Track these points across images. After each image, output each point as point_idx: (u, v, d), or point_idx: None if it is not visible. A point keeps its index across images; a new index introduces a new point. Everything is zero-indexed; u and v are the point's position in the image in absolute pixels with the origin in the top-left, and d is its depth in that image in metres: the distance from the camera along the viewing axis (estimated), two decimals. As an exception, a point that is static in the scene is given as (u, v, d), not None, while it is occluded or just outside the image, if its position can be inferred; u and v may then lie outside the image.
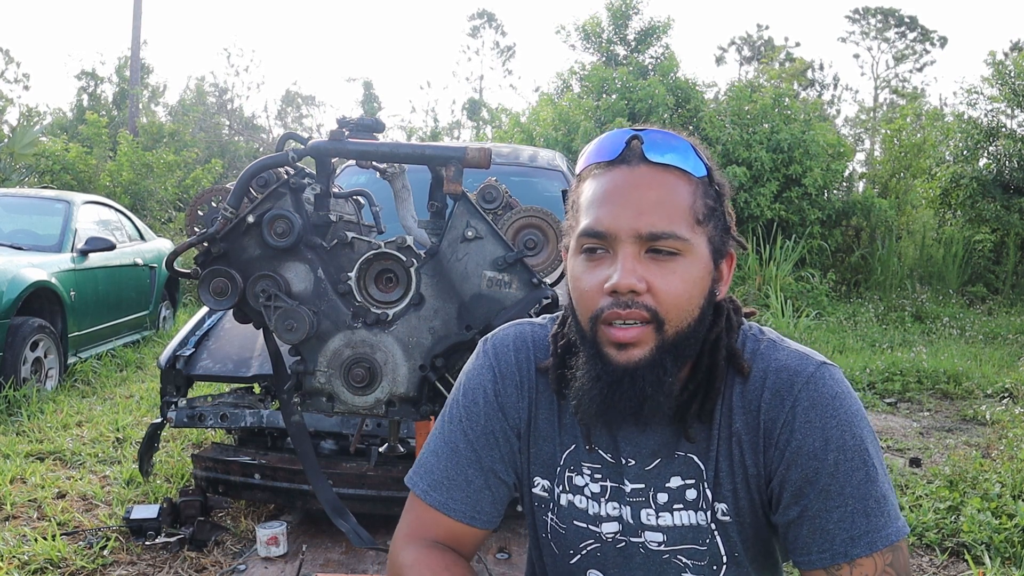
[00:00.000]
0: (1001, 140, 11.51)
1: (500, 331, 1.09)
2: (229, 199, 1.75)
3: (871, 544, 0.87)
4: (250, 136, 20.24)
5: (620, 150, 0.91)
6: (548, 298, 1.77)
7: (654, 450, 0.97)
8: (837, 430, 0.88)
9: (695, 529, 0.96)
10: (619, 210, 0.88)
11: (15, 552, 2.60)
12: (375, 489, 2.57)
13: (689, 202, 0.89)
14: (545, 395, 1.03)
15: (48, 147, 12.36)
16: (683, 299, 0.88)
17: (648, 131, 0.93)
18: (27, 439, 3.86)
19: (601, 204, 0.89)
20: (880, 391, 5.48)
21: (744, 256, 9.45)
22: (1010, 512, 2.90)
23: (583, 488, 1.00)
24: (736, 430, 0.94)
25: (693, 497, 0.96)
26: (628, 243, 0.87)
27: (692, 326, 0.89)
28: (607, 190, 0.90)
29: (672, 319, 0.87)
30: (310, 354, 1.73)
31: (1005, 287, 11.12)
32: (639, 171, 0.89)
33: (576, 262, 0.92)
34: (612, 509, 0.99)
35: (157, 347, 6.51)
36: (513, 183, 4.20)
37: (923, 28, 32.18)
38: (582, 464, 1.01)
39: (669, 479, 0.97)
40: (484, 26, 30.45)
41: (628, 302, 0.86)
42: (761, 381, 0.93)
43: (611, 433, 0.99)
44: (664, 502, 0.97)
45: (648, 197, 0.88)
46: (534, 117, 12.12)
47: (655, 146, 0.90)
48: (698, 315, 0.90)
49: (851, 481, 0.87)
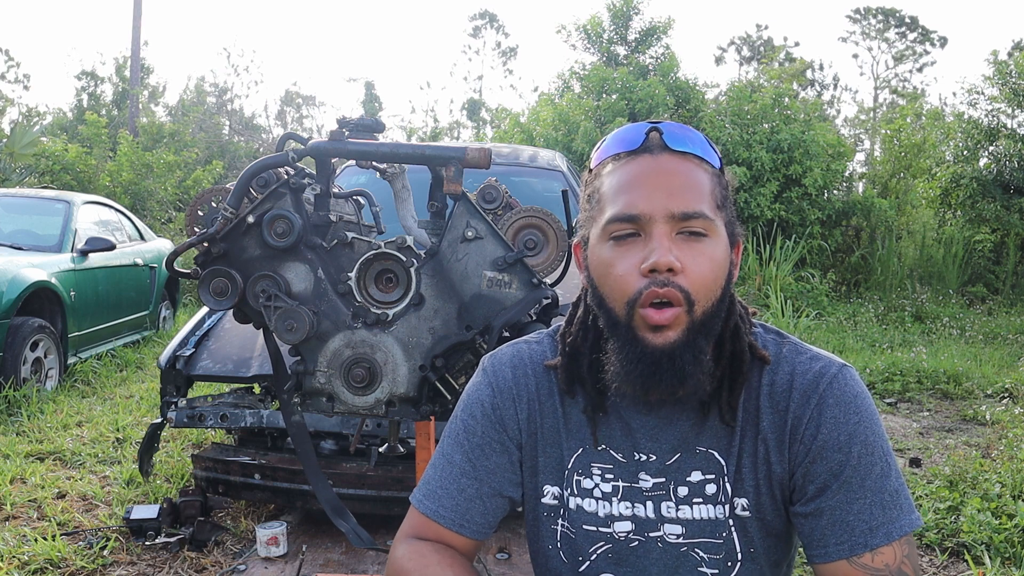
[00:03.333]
0: (1001, 140, 11.51)
1: (497, 351, 1.12)
2: (229, 199, 1.75)
3: (888, 534, 0.90)
4: (250, 136, 20.24)
5: (641, 140, 0.95)
6: (548, 298, 1.77)
7: (674, 445, 0.99)
8: (860, 426, 0.92)
9: (713, 523, 0.98)
10: (651, 192, 0.91)
11: (15, 552, 2.60)
12: (375, 489, 2.56)
13: (710, 187, 0.93)
14: (548, 404, 1.05)
15: (48, 147, 12.36)
16: (710, 279, 0.91)
17: (664, 123, 0.96)
18: (27, 439, 3.86)
19: (631, 190, 0.92)
20: (880, 391, 5.47)
21: (744, 256, 9.46)
22: (1010, 512, 2.89)
23: (592, 490, 1.02)
24: (763, 428, 0.97)
25: (712, 492, 0.98)
26: (662, 223, 0.90)
27: (716, 306, 0.93)
28: (634, 176, 0.93)
29: (701, 299, 0.90)
30: (310, 354, 1.73)
31: (1005, 287, 11.12)
32: (663, 158, 0.93)
33: (604, 249, 0.94)
34: (625, 508, 1.00)
35: (157, 347, 6.51)
36: (513, 183, 4.20)
37: (923, 28, 32.20)
38: (591, 465, 1.02)
39: (690, 473, 0.99)
40: (486, 27, 30.46)
41: (665, 281, 0.88)
42: (788, 383, 0.96)
43: (630, 430, 1.01)
44: (684, 495, 0.99)
45: (676, 181, 0.91)
46: (534, 117, 12.12)
47: (674, 136, 0.95)
48: (720, 295, 0.93)
49: (871, 474, 0.91)
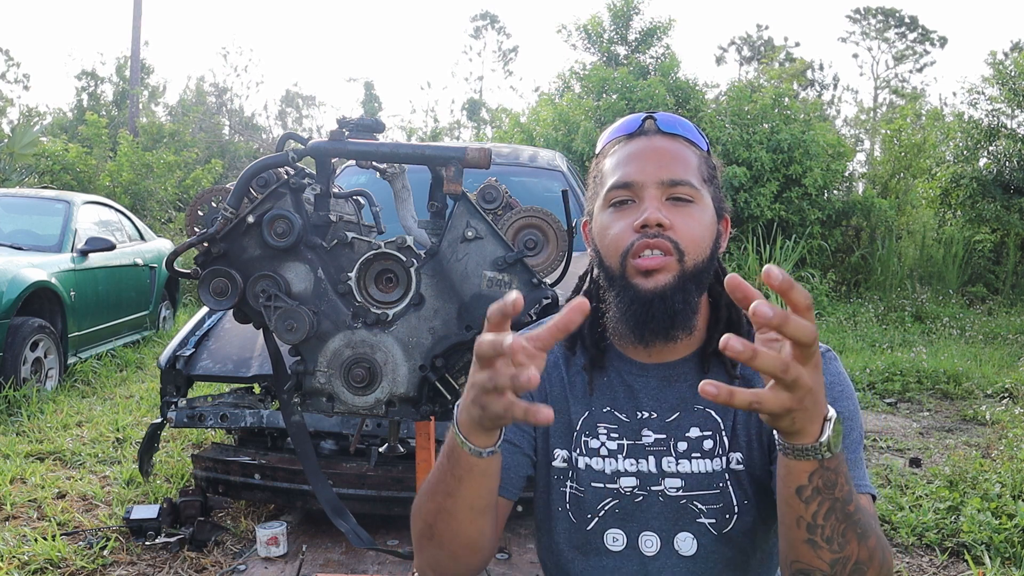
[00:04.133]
0: (1001, 140, 11.51)
1: None
2: (229, 199, 1.75)
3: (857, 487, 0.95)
4: (250, 136, 20.25)
5: (638, 125, 1.11)
6: (548, 298, 1.77)
7: (674, 404, 1.09)
8: (842, 396, 1.03)
9: (710, 476, 1.07)
10: (643, 164, 1.06)
11: (15, 552, 2.60)
12: (375, 489, 2.56)
13: (697, 163, 1.08)
14: (555, 373, 1.14)
15: (48, 147, 12.36)
16: (699, 237, 1.04)
17: (659, 113, 1.12)
18: (27, 439, 3.86)
19: (627, 163, 1.07)
20: (880, 391, 5.47)
21: (744, 256, 9.46)
22: (1010, 512, 2.90)
23: (599, 449, 1.10)
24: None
25: (710, 447, 1.07)
26: (652, 188, 1.04)
27: (706, 262, 1.05)
28: (631, 153, 1.08)
29: (691, 252, 1.02)
30: (310, 354, 1.73)
31: (1005, 287, 11.12)
32: (656, 139, 1.09)
33: (604, 215, 1.08)
34: (629, 465, 1.09)
35: (157, 347, 6.51)
36: (513, 183, 4.20)
37: (923, 28, 32.22)
38: (597, 426, 1.11)
39: (688, 429, 1.08)
40: (487, 27, 30.48)
41: (655, 234, 1.01)
42: None
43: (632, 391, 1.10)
44: (683, 450, 1.07)
45: (666, 155, 1.06)
46: (534, 117, 12.12)
47: (667, 122, 1.11)
48: (709, 254, 1.06)
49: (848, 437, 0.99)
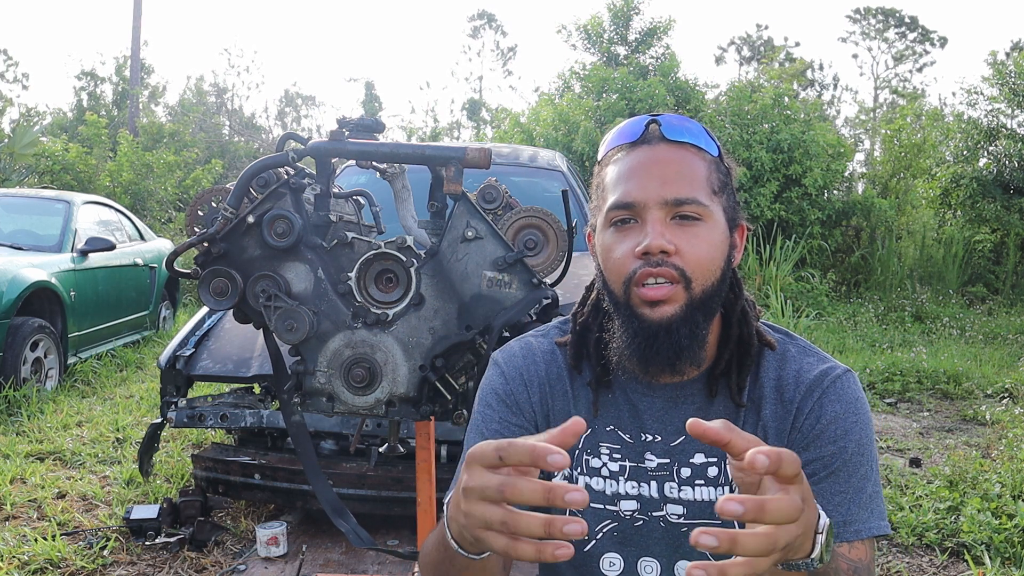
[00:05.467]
0: (1001, 140, 11.51)
1: (506, 345, 1.15)
2: (229, 199, 1.75)
3: (859, 532, 0.94)
4: (250, 136, 20.23)
5: (640, 132, 1.00)
6: (548, 298, 1.77)
7: (679, 428, 1.02)
8: (857, 426, 0.97)
9: (713, 504, 1.02)
10: (645, 181, 0.96)
11: (15, 552, 2.60)
12: (375, 489, 2.56)
13: (705, 174, 0.98)
14: (558, 387, 1.09)
15: (48, 147, 12.36)
16: (706, 260, 0.96)
17: (664, 116, 1.02)
18: (27, 439, 3.86)
19: (628, 179, 0.98)
20: (880, 391, 5.47)
21: (744, 256, 9.46)
22: (1010, 512, 2.90)
23: (600, 469, 1.05)
24: (764, 416, 1.01)
25: (714, 474, 1.02)
26: (655, 209, 0.95)
27: (716, 285, 0.97)
28: (632, 167, 0.98)
29: (698, 278, 0.95)
30: (310, 354, 1.73)
31: (1005, 287, 11.11)
32: (659, 148, 0.98)
33: (606, 235, 1.00)
34: (631, 488, 1.04)
35: (157, 347, 6.51)
36: (513, 183, 4.20)
37: (923, 28, 32.19)
38: (600, 445, 1.05)
39: (693, 455, 1.02)
40: (484, 27, 30.45)
41: (659, 261, 0.94)
42: (795, 379, 1.01)
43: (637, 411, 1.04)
44: (687, 476, 1.02)
45: (670, 169, 0.96)
46: (534, 117, 12.11)
47: (672, 127, 1.00)
48: (720, 276, 0.98)
49: (857, 473, 0.95)
